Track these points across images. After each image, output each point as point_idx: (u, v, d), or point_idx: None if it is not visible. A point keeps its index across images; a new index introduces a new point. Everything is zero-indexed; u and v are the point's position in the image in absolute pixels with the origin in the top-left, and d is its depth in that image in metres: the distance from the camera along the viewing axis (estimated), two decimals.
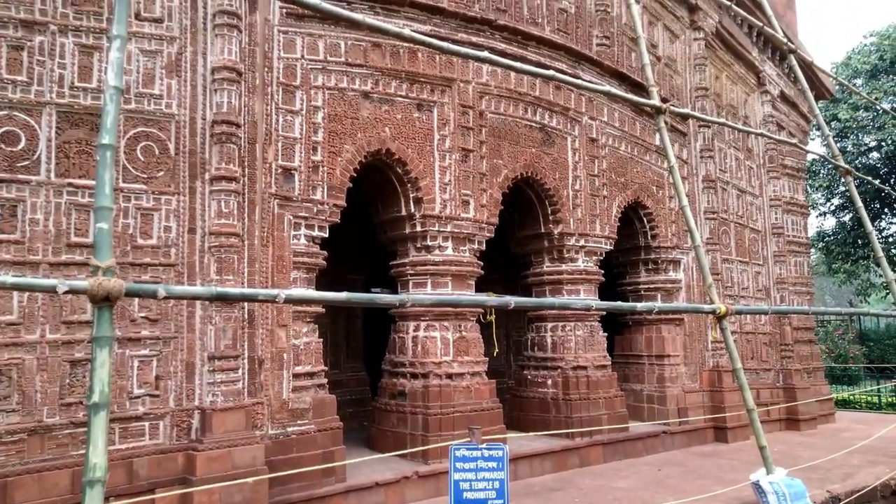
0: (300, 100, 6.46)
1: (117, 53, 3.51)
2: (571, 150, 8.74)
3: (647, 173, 9.87)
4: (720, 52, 11.55)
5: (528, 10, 8.37)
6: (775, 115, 12.55)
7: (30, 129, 5.11)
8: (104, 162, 3.12)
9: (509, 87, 8.04)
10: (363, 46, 6.90)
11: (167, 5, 5.81)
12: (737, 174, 11.68)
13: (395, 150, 7.07)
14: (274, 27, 6.41)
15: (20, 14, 5.14)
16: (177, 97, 5.74)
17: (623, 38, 9.57)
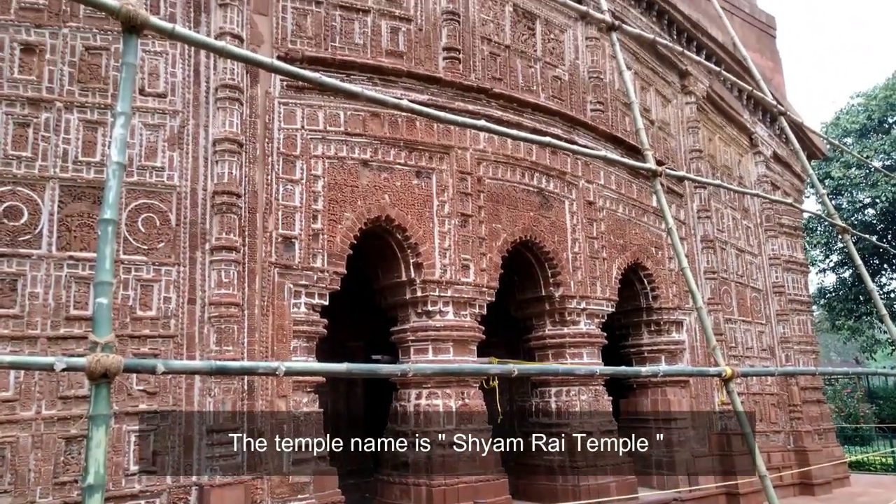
0: (300, 169, 6.55)
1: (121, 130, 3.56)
2: (569, 214, 8.80)
3: (646, 234, 9.92)
4: (712, 114, 11.79)
5: (522, 79, 8.58)
6: (769, 174, 12.72)
7: (32, 203, 5.15)
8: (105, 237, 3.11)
9: (506, 152, 8.16)
10: (362, 116, 7.04)
11: (170, 80, 5.95)
12: (735, 234, 11.75)
13: (395, 217, 7.12)
14: (274, 99, 6.56)
15: (27, 92, 5.26)
16: (178, 169, 5.81)
17: (617, 104, 9.78)
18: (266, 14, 6.72)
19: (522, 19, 8.75)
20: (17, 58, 5.37)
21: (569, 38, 9.26)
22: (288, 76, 5.36)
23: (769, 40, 14.09)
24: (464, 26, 8.00)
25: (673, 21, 10.92)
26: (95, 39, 5.67)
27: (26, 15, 5.50)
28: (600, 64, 9.51)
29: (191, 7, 6.29)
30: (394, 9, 7.54)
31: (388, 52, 7.42)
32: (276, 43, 6.73)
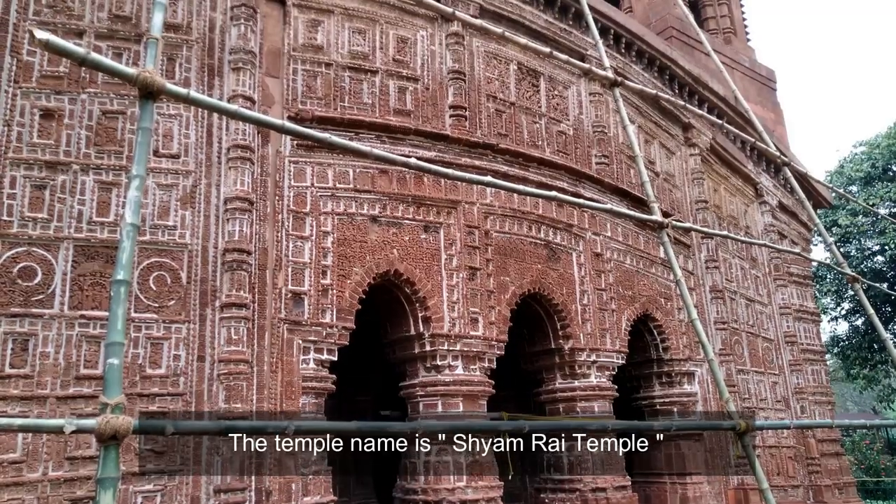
0: (310, 226, 6.63)
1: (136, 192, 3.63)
2: (577, 266, 8.82)
3: (654, 286, 9.91)
4: (716, 165, 11.91)
5: (528, 134, 8.73)
6: (776, 224, 12.75)
7: (46, 263, 5.23)
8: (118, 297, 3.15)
9: (513, 206, 8.24)
10: (371, 173, 7.16)
11: (184, 142, 6.10)
12: (743, 283, 11.72)
13: (404, 271, 7.16)
14: (285, 158, 6.69)
15: (45, 156, 5.41)
16: (190, 227, 5.91)
17: (621, 156, 9.91)
18: (277, 76, 6.92)
19: (527, 77, 8.96)
20: (36, 123, 5.55)
21: (572, 94, 9.46)
22: (299, 137, 5.48)
23: (770, 93, 14.33)
24: (469, 85, 8.19)
25: (674, 76, 11.14)
26: (112, 104, 5.85)
27: (47, 82, 5.70)
28: (604, 118, 9.68)
29: (205, 71, 6.49)
30: (401, 69, 7.74)
31: (396, 111, 7.59)
32: (286, 103, 6.91)
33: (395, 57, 7.78)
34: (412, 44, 7.93)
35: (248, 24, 6.72)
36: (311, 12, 7.37)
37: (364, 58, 7.56)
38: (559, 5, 9.43)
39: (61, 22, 6.01)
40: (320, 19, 7.40)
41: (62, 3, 6.04)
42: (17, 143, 5.48)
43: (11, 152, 5.43)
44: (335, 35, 7.43)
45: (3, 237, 5.20)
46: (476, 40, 8.41)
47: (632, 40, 10.37)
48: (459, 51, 8.18)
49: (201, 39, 6.58)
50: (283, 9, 7.20)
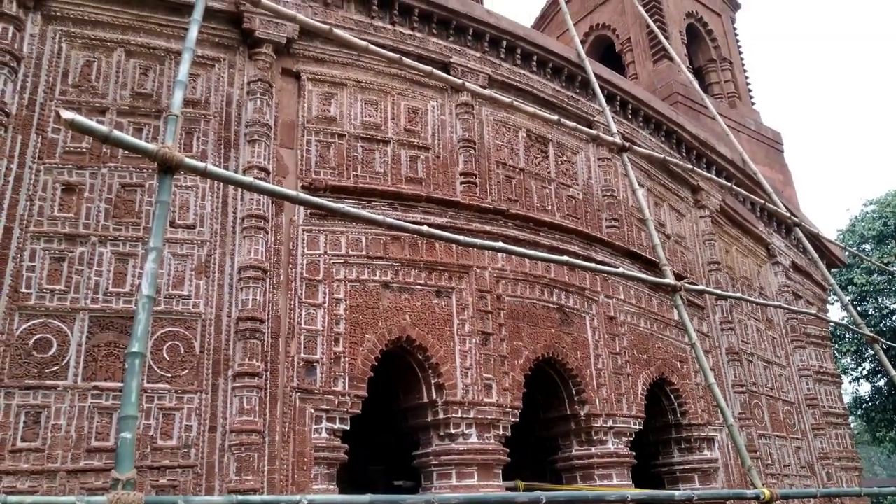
0: (323, 293, 6.67)
1: (152, 265, 3.67)
2: (591, 329, 8.76)
3: (670, 349, 9.80)
4: (727, 227, 11.94)
5: (538, 199, 8.83)
6: (790, 284, 12.67)
7: (62, 334, 5.27)
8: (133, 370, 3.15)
9: (524, 270, 8.26)
10: (383, 239, 7.23)
11: (200, 212, 6.22)
12: (760, 345, 11.56)
13: (416, 337, 7.14)
14: (299, 226, 6.79)
15: (65, 228, 5.52)
16: (204, 297, 5.96)
17: (632, 219, 9.97)
18: (291, 147, 7.10)
19: (535, 143, 9.12)
20: (58, 197, 5.70)
21: (581, 159, 9.60)
22: (313, 207, 5.58)
23: (777, 154, 14.47)
24: (479, 152, 8.35)
25: (682, 140, 11.31)
26: (132, 177, 6.01)
27: (70, 158, 5.88)
28: (613, 182, 9.79)
29: (221, 143, 6.67)
30: (413, 138, 7.92)
31: (407, 179, 7.72)
32: (300, 173, 7.06)
33: (407, 127, 7.97)
34: (423, 114, 8.13)
35: (264, 98, 6.94)
36: (325, 85, 7.60)
37: (376, 128, 7.75)
38: (566, 74, 9.69)
39: (86, 100, 6.24)
40: (334, 92, 7.63)
41: (87, 83, 6.29)
42: (39, 216, 5.62)
43: (33, 226, 5.56)
44: (348, 107, 7.64)
45: (21, 309, 5.27)
46: (485, 109, 8.62)
47: (638, 106, 10.58)
48: (469, 119, 8.37)
49: (218, 113, 6.79)
50: (297, 83, 7.44)
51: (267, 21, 7.06)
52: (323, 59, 7.62)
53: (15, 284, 5.37)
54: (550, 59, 9.50)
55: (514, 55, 9.17)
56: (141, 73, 6.60)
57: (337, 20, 7.69)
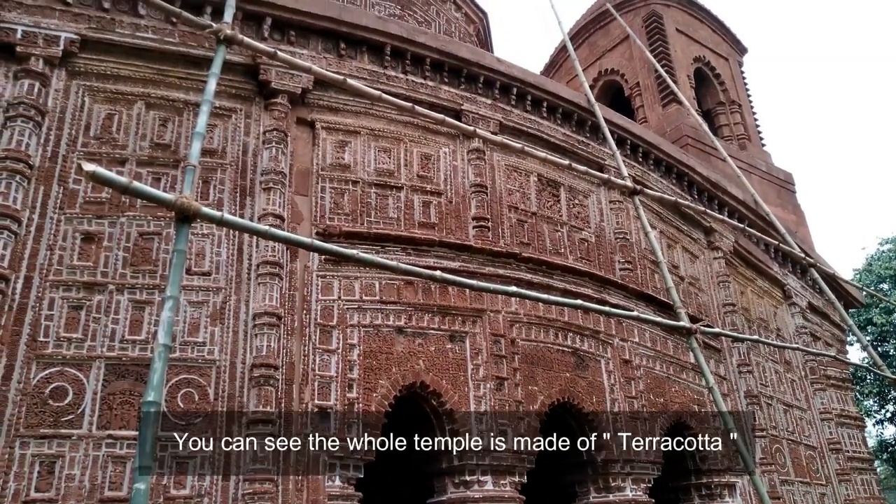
0: (336, 339, 6.67)
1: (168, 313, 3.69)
2: (606, 373, 8.67)
3: (687, 392, 9.66)
4: (741, 268, 11.87)
5: (550, 242, 8.85)
6: (807, 325, 12.51)
7: (78, 383, 5.30)
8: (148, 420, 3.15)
9: (538, 313, 8.23)
10: (396, 284, 7.26)
11: (215, 259, 6.29)
12: (779, 388, 11.37)
13: (430, 383, 7.10)
14: (313, 272, 6.84)
15: (84, 277, 5.60)
16: (219, 343, 5.98)
17: (645, 262, 9.95)
18: (306, 194, 7.20)
19: (547, 187, 9.19)
20: (77, 246, 5.81)
21: (593, 203, 9.65)
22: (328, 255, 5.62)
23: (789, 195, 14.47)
24: (491, 196, 8.42)
25: (693, 182, 11.35)
26: (149, 226, 6.12)
27: (90, 207, 6.01)
28: (625, 225, 9.80)
29: (237, 192, 6.79)
30: (425, 184, 8.02)
31: (420, 224, 7.79)
32: (315, 220, 7.14)
33: (420, 173, 8.08)
34: (435, 160, 8.24)
35: (280, 146, 7.08)
36: (339, 134, 7.75)
37: (389, 174, 7.86)
38: (576, 119, 9.81)
39: (106, 152, 6.40)
40: (348, 140, 7.77)
41: (108, 135, 6.46)
42: (58, 265, 5.71)
43: (52, 275, 5.66)
44: (362, 154, 7.77)
45: (39, 358, 5.32)
46: (497, 154, 8.73)
47: (649, 149, 10.66)
48: (481, 165, 8.47)
49: (235, 162, 6.92)
50: (312, 131, 7.59)
51: (282, 72, 7.25)
52: (337, 108, 7.79)
53: (33, 333, 5.43)
54: (560, 105, 9.64)
55: (525, 101, 9.32)
56: (160, 125, 6.77)
57: (350, 70, 7.88)
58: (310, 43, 7.91)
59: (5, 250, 5.47)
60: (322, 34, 7.96)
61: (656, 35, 14.91)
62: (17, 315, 5.45)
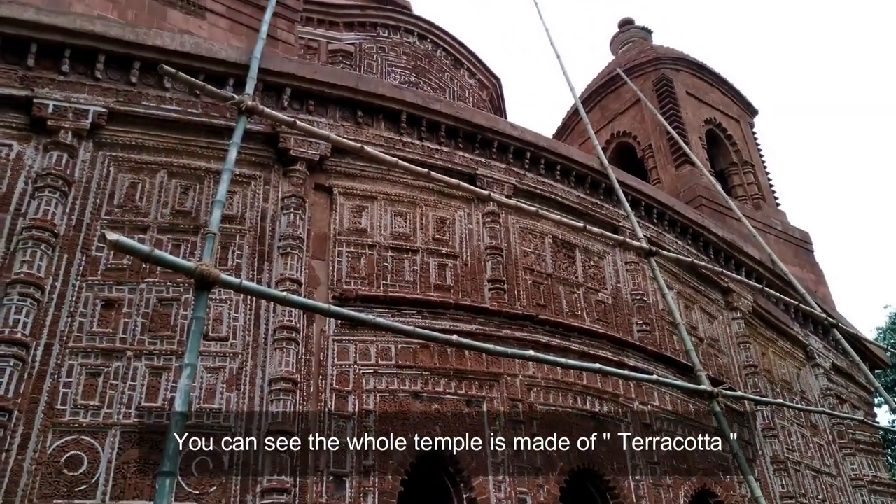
0: (352, 404, 6.62)
1: (186, 381, 3.70)
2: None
3: (710, 457, 9.39)
4: (761, 328, 11.70)
5: (567, 304, 8.82)
6: (833, 387, 12.22)
7: (93, 451, 5.28)
8: (163, 491, 3.13)
9: (556, 377, 8.13)
10: (413, 348, 7.23)
11: (233, 325, 6.33)
12: (807, 453, 11.03)
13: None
14: (329, 337, 6.84)
15: (102, 344, 5.65)
16: (234, 409, 5.95)
17: (663, 323, 9.85)
18: (323, 259, 7.28)
19: (562, 249, 9.22)
20: (97, 312, 5.88)
21: (609, 264, 9.64)
22: (345, 320, 5.63)
23: (807, 254, 14.38)
24: (507, 259, 8.45)
25: (709, 242, 11.33)
26: (168, 291, 6.19)
27: (111, 274, 6.11)
28: (642, 286, 9.76)
29: (255, 257, 6.88)
30: (441, 247, 8.08)
31: (436, 287, 7.81)
32: (331, 284, 7.19)
33: (435, 236, 8.15)
34: (451, 223, 8.33)
35: (298, 212, 7.19)
36: (356, 199, 7.88)
37: (405, 238, 7.94)
38: (589, 181, 9.91)
39: (129, 219, 6.55)
40: (364, 205, 7.89)
41: (131, 203, 6.62)
42: (78, 332, 5.77)
43: (72, 341, 5.71)
44: (378, 218, 7.87)
45: (55, 426, 5.31)
46: (511, 217, 8.80)
47: (663, 210, 10.71)
48: (496, 227, 8.54)
49: (253, 228, 7.04)
50: (329, 197, 7.73)
51: (301, 140, 7.44)
52: (354, 173, 7.94)
53: (51, 401, 5.44)
54: (574, 168, 9.76)
55: (539, 165, 9.45)
56: (181, 192, 6.93)
57: (367, 137, 8.07)
58: (328, 111, 8.14)
59: (28, 318, 5.55)
60: (340, 103, 8.19)
61: (667, 98, 15.16)
62: (35, 383, 5.48)
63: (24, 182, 6.31)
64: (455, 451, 7.01)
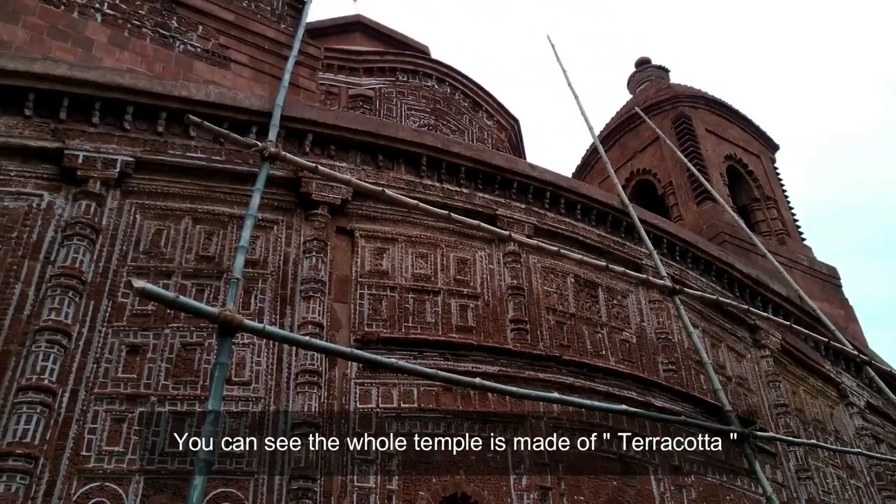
0: (375, 449, 6.55)
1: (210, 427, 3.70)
2: (655, 481, 8.27)
3: (743, 500, 9.11)
4: (791, 366, 11.44)
5: (590, 344, 8.72)
6: (868, 426, 11.86)
7: (117, 498, 5.28)
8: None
9: (581, 419, 8.00)
10: (435, 391, 7.18)
11: (255, 369, 6.35)
12: (844, 496, 10.65)
13: (471, 494, 6.86)
14: (351, 380, 6.82)
15: (127, 389, 5.70)
16: (258, 455, 5.92)
17: (689, 362, 9.68)
18: (345, 302, 7.30)
19: (584, 288, 9.16)
20: (122, 359, 5.94)
21: (632, 303, 9.55)
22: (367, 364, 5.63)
23: (835, 289, 14.14)
24: (528, 299, 8.41)
25: (733, 279, 11.19)
26: (192, 336, 6.25)
27: (136, 320, 6.19)
28: (667, 324, 9.63)
29: (278, 301, 6.93)
30: (462, 288, 8.07)
31: (458, 328, 7.78)
32: (353, 327, 7.20)
33: (456, 277, 8.16)
34: (471, 264, 8.33)
35: (320, 255, 7.26)
36: (377, 241, 7.93)
37: (427, 279, 7.95)
38: (610, 220, 9.89)
39: (154, 265, 6.66)
40: (386, 247, 7.94)
41: (156, 250, 6.74)
42: (104, 378, 5.82)
43: (97, 387, 5.76)
44: (399, 260, 7.91)
45: (80, 472, 5.33)
46: (532, 256, 8.79)
47: (686, 248, 10.62)
48: (517, 268, 8.53)
49: (276, 272, 7.11)
50: (351, 240, 7.80)
51: (323, 185, 7.54)
52: (375, 216, 8.02)
53: (76, 447, 5.47)
54: (594, 207, 9.76)
55: (559, 204, 9.47)
56: (205, 238, 7.04)
57: (388, 181, 8.16)
58: (349, 156, 8.27)
59: (55, 365, 5.62)
60: (361, 147, 8.32)
61: (686, 136, 15.20)
62: (61, 429, 5.52)
63: (53, 231, 6.46)
64: (480, 496, 6.89)
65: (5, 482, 5.00)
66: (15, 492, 5.02)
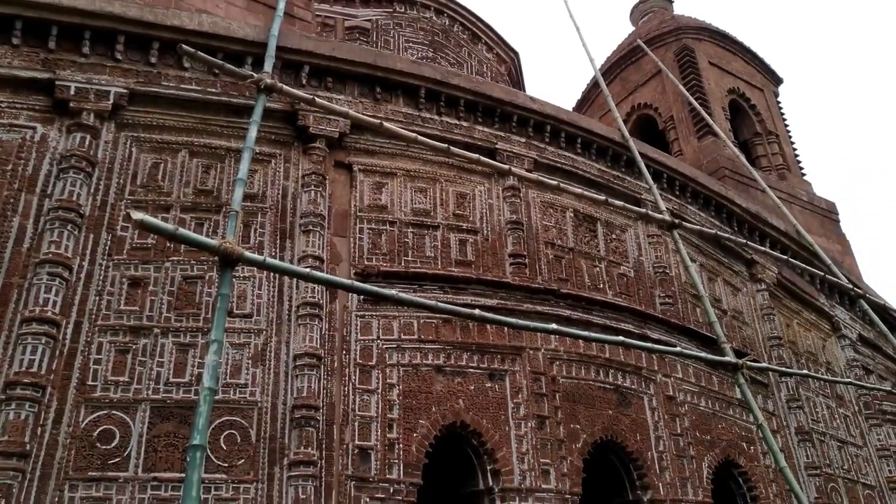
0: (376, 379, 6.69)
1: (213, 357, 3.75)
2: (650, 410, 8.48)
3: (734, 429, 9.38)
4: (786, 300, 11.58)
5: (588, 278, 8.79)
6: (859, 358, 12.09)
7: (124, 426, 5.41)
8: (193, 463, 3.18)
9: (579, 350, 8.13)
10: (435, 323, 7.27)
11: (256, 302, 6.40)
12: (832, 424, 10.96)
13: (470, 422, 7.04)
14: (352, 312, 6.90)
15: (130, 321, 5.76)
16: (260, 385, 6.05)
17: (686, 296, 9.79)
18: (344, 236, 7.31)
19: (583, 223, 9.17)
20: (124, 291, 5.99)
21: (630, 237, 9.58)
22: (368, 296, 5.68)
23: (833, 224, 14.16)
24: (527, 233, 8.43)
25: (732, 214, 11.19)
26: (193, 270, 6.28)
27: (136, 253, 6.21)
28: (665, 259, 9.69)
29: (277, 234, 6.94)
30: (461, 223, 8.07)
31: (457, 262, 7.82)
32: (353, 261, 7.24)
33: (456, 211, 8.14)
34: (471, 198, 8.31)
35: (318, 189, 7.22)
36: (376, 175, 7.88)
37: (426, 214, 7.94)
38: (611, 154, 9.81)
39: (152, 199, 6.63)
40: (384, 181, 7.90)
41: (154, 183, 6.70)
42: (106, 310, 5.89)
43: (100, 320, 5.83)
44: (398, 195, 7.88)
45: (87, 401, 5.45)
46: (532, 191, 8.76)
47: (685, 182, 10.58)
48: (516, 202, 8.51)
49: (275, 206, 7.09)
50: (349, 174, 7.74)
51: (320, 118, 7.44)
52: (373, 150, 7.94)
53: (82, 377, 5.58)
54: (595, 141, 9.67)
55: (559, 138, 9.37)
56: (203, 172, 6.99)
57: (386, 114, 8.04)
58: (346, 88, 8.12)
59: (57, 297, 5.67)
60: (358, 79, 8.17)
61: (689, 69, 14.90)
62: (66, 359, 5.61)
63: (48, 163, 6.40)
64: (479, 425, 7.08)
65: (14, 409, 5.13)
66: (25, 419, 5.15)
